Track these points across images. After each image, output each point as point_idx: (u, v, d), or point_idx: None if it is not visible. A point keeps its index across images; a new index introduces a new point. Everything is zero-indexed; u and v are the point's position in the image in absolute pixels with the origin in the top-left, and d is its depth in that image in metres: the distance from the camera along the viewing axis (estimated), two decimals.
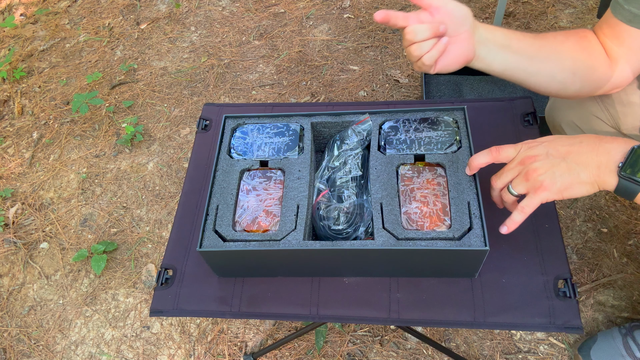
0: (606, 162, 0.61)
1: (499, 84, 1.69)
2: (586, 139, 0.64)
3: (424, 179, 0.76)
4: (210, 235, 0.75)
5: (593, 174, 0.62)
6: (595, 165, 0.62)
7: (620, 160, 0.60)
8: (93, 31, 2.19)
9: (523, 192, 0.66)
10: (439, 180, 0.76)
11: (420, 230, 0.71)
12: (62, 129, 1.85)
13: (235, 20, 2.12)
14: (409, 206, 0.74)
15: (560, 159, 0.64)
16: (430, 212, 0.73)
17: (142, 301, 1.41)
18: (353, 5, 2.07)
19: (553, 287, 0.73)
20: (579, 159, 0.63)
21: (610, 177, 0.61)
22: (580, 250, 1.34)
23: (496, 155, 0.70)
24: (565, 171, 0.63)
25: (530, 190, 0.65)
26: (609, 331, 1.13)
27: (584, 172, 0.62)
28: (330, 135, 0.90)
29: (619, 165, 0.60)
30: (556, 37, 0.77)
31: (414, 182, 0.76)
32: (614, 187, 0.61)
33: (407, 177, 0.77)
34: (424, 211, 0.73)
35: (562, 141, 0.66)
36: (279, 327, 1.32)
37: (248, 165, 0.83)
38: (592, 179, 0.62)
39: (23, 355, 1.35)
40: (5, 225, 1.60)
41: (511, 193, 0.68)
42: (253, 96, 1.84)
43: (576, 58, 0.76)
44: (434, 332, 1.25)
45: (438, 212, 0.72)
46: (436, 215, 0.72)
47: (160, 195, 1.63)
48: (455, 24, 0.68)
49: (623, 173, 0.60)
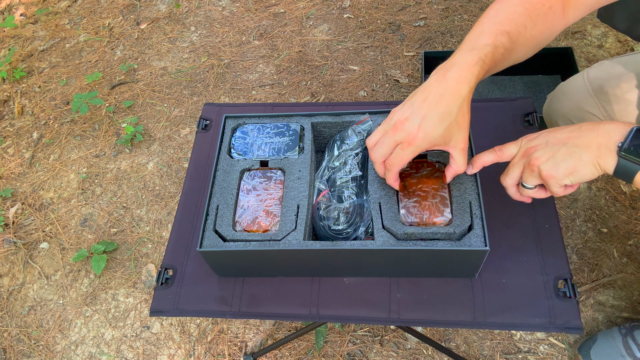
0: (606, 143, 0.61)
1: (499, 84, 1.69)
2: (585, 124, 0.64)
3: (422, 175, 0.77)
4: (210, 235, 0.75)
5: (594, 154, 0.61)
6: (595, 146, 0.61)
7: (619, 140, 0.60)
8: (93, 31, 2.19)
9: (536, 183, 0.66)
10: (438, 175, 0.76)
11: (420, 222, 0.71)
12: (62, 129, 1.85)
13: (235, 20, 2.12)
14: (408, 200, 0.74)
15: (560, 145, 0.63)
16: (429, 205, 0.73)
17: (142, 301, 1.41)
18: (353, 5, 2.08)
19: (553, 287, 0.73)
20: (578, 141, 0.63)
21: (610, 157, 0.61)
22: (580, 250, 1.34)
23: (500, 154, 0.70)
24: (567, 155, 0.63)
25: (541, 180, 0.65)
26: (609, 331, 1.13)
27: (585, 154, 0.62)
28: (331, 135, 0.90)
29: (619, 145, 0.60)
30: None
31: (413, 178, 0.76)
32: (614, 168, 0.61)
33: (407, 172, 0.77)
34: (423, 204, 0.73)
35: (561, 129, 0.66)
36: (279, 327, 1.32)
37: (248, 165, 0.83)
38: (594, 159, 0.62)
39: (23, 355, 1.35)
40: (5, 225, 1.60)
41: (526, 187, 0.68)
42: (253, 96, 1.84)
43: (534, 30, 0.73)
44: (434, 332, 1.25)
45: (437, 204, 0.73)
46: (435, 207, 0.72)
47: (160, 195, 1.63)
48: None
49: (623, 153, 0.60)
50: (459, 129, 0.65)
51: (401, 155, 0.66)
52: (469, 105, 0.65)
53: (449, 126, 0.64)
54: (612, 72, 0.96)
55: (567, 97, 1.03)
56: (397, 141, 0.65)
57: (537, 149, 0.65)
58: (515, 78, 1.69)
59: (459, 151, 0.67)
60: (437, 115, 0.63)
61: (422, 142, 0.64)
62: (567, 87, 1.05)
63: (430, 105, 0.63)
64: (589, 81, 0.99)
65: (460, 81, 0.64)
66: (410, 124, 0.64)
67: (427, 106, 0.64)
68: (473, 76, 0.64)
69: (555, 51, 1.63)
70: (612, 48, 1.76)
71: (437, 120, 0.63)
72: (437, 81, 0.64)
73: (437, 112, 0.63)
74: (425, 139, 0.64)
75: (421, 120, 0.63)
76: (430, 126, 0.63)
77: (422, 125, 0.63)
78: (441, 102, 0.63)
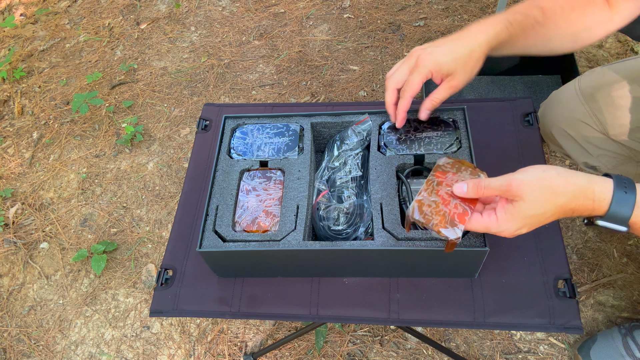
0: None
1: (499, 84, 1.69)
2: (569, 205, 0.60)
3: (460, 178, 0.66)
4: (210, 236, 0.75)
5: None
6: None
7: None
8: (93, 31, 2.19)
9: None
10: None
11: (426, 224, 0.64)
12: (62, 129, 1.85)
13: (235, 20, 2.12)
14: (426, 195, 0.65)
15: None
16: (446, 212, 0.63)
17: (142, 301, 1.41)
18: (353, 5, 2.07)
19: (553, 287, 0.73)
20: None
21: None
22: (580, 250, 1.34)
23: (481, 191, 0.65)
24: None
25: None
26: (608, 331, 1.13)
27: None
28: (330, 135, 0.90)
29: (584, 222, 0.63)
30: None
31: (447, 179, 0.66)
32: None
33: (443, 170, 0.68)
34: (439, 208, 0.64)
35: (543, 213, 0.61)
36: (279, 327, 1.32)
37: (248, 166, 0.83)
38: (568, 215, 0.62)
39: (23, 355, 1.35)
40: (5, 225, 1.60)
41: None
42: (253, 96, 1.84)
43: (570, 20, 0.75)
44: (434, 332, 1.25)
45: (455, 215, 0.63)
46: (450, 218, 0.63)
47: (160, 195, 1.63)
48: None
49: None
50: (463, 68, 0.71)
51: (411, 78, 0.73)
52: (482, 54, 0.71)
53: (456, 59, 0.71)
54: (603, 80, 0.96)
55: (560, 106, 1.03)
56: (410, 66, 0.73)
57: (515, 233, 0.62)
58: (515, 78, 1.69)
59: (448, 86, 0.73)
60: (448, 47, 0.72)
61: (428, 63, 0.71)
62: (559, 96, 1.04)
63: (447, 40, 0.72)
64: (580, 90, 0.99)
65: (480, 30, 0.71)
66: (424, 51, 0.72)
67: (443, 41, 0.73)
68: (493, 30, 0.71)
69: None
70: (612, 48, 1.76)
71: (447, 50, 0.71)
72: (462, 28, 0.73)
73: (449, 45, 0.72)
74: (432, 60, 0.71)
75: (434, 48, 0.72)
76: (439, 53, 0.71)
77: (432, 52, 0.72)
78: (457, 40, 0.72)
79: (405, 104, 0.76)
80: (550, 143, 1.11)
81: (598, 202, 0.58)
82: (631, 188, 0.57)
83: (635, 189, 0.57)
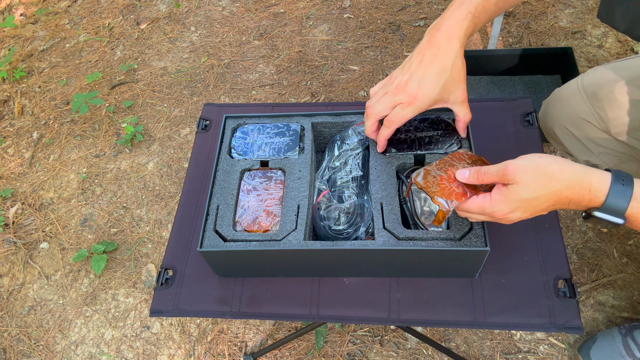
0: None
1: (499, 84, 1.69)
2: (565, 196, 0.61)
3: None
4: (210, 235, 0.75)
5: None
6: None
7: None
8: (93, 31, 2.19)
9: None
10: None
11: (425, 189, 0.65)
12: (62, 129, 1.85)
13: (235, 20, 2.12)
14: (435, 168, 0.67)
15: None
16: (447, 187, 0.65)
17: (142, 301, 1.41)
18: (353, 5, 2.08)
19: (553, 287, 0.73)
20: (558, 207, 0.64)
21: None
22: (580, 250, 1.34)
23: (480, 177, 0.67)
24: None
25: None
26: (608, 331, 1.13)
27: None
28: (331, 135, 0.90)
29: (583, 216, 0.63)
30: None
31: (460, 164, 0.68)
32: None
33: (460, 157, 0.70)
34: (443, 183, 0.66)
35: (540, 201, 0.62)
36: (279, 327, 1.32)
37: (248, 165, 0.83)
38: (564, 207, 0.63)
39: (23, 355, 1.35)
40: (5, 225, 1.60)
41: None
42: (253, 96, 1.84)
43: None
44: (434, 332, 1.25)
45: (454, 193, 0.65)
46: (449, 193, 0.64)
47: (160, 195, 1.63)
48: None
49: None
50: (455, 84, 0.70)
51: (402, 113, 0.71)
52: (462, 59, 0.70)
53: (446, 83, 0.69)
54: (606, 78, 0.96)
55: (562, 104, 1.03)
56: (397, 102, 0.71)
57: (508, 217, 0.64)
58: (515, 78, 1.69)
59: (460, 105, 0.72)
60: (434, 74, 0.68)
61: (422, 102, 0.70)
62: (561, 94, 1.04)
63: (426, 66, 0.69)
64: (583, 87, 0.99)
65: (450, 39, 0.68)
66: (410, 85, 0.69)
67: (423, 67, 0.69)
68: (462, 31, 0.69)
69: (555, 51, 1.63)
70: (612, 48, 1.76)
71: (434, 79, 0.69)
72: (429, 42, 0.69)
73: (433, 72, 0.68)
74: (425, 97, 0.69)
75: (420, 81, 0.69)
76: (429, 85, 0.69)
77: (421, 86, 0.69)
78: (435, 61, 0.68)
79: (389, 134, 0.75)
80: (551, 141, 1.11)
81: (595, 192, 0.58)
82: (629, 181, 0.58)
83: (632, 182, 0.58)
